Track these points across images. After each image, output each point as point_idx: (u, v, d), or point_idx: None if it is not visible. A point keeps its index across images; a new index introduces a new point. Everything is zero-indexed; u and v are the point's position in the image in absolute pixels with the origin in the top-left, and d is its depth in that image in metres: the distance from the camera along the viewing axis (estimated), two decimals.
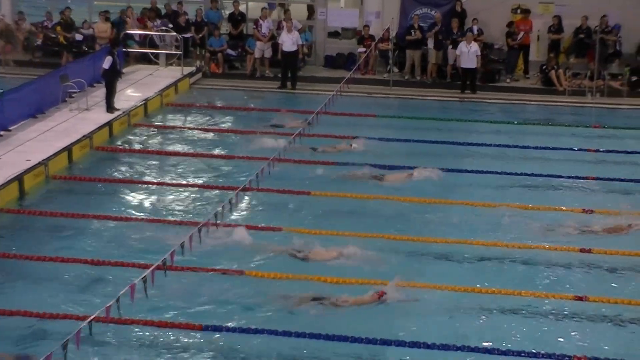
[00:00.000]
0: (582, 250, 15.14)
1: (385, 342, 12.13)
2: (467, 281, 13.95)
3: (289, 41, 26.64)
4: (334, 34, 30.20)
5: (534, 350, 11.96)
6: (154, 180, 18.71)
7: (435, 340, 12.07)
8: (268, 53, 28.08)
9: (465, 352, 11.97)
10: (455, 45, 26.80)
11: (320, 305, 13.02)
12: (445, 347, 12.00)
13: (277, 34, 27.90)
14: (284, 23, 27.43)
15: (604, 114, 24.82)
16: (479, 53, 26.22)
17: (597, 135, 22.65)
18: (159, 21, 28.53)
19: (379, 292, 13.18)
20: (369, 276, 13.92)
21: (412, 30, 27.54)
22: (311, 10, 30.44)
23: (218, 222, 14.23)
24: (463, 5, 28.10)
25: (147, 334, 12.38)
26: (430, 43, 27.45)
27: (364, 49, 27.89)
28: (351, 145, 21.03)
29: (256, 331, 12.37)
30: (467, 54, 26.06)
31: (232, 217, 16.00)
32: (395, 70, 27.97)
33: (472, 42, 26.21)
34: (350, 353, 11.96)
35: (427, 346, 11.99)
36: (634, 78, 26.69)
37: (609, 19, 27.19)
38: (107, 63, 22.18)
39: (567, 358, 11.78)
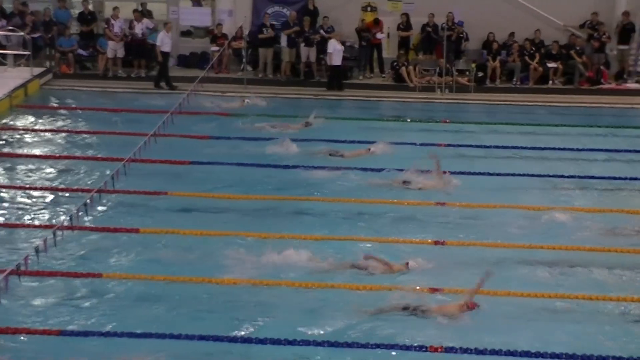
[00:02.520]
0: (436, 243, 15.56)
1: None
2: None
3: (170, 42, 26.48)
4: (186, 33, 30.07)
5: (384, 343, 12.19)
6: (6, 184, 18.20)
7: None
8: (121, 53, 27.75)
9: None
10: (308, 43, 27.12)
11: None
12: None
13: (128, 33, 27.61)
14: (158, 24, 27.23)
15: (452, 109, 25.54)
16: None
17: (446, 129, 23.28)
18: (4, 21, 27.78)
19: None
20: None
21: (264, 29, 27.72)
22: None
23: (73, 224, 14.04)
24: (315, 3, 28.45)
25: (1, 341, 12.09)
26: (284, 41, 27.69)
27: (217, 48, 27.89)
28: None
29: (114, 334, 12.19)
30: (341, 51, 26.48)
31: (87, 218, 15.80)
32: (249, 68, 28.10)
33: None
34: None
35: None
36: (480, 74, 27.63)
37: (454, 16, 28.02)
38: None
39: (424, 348, 12.04)
